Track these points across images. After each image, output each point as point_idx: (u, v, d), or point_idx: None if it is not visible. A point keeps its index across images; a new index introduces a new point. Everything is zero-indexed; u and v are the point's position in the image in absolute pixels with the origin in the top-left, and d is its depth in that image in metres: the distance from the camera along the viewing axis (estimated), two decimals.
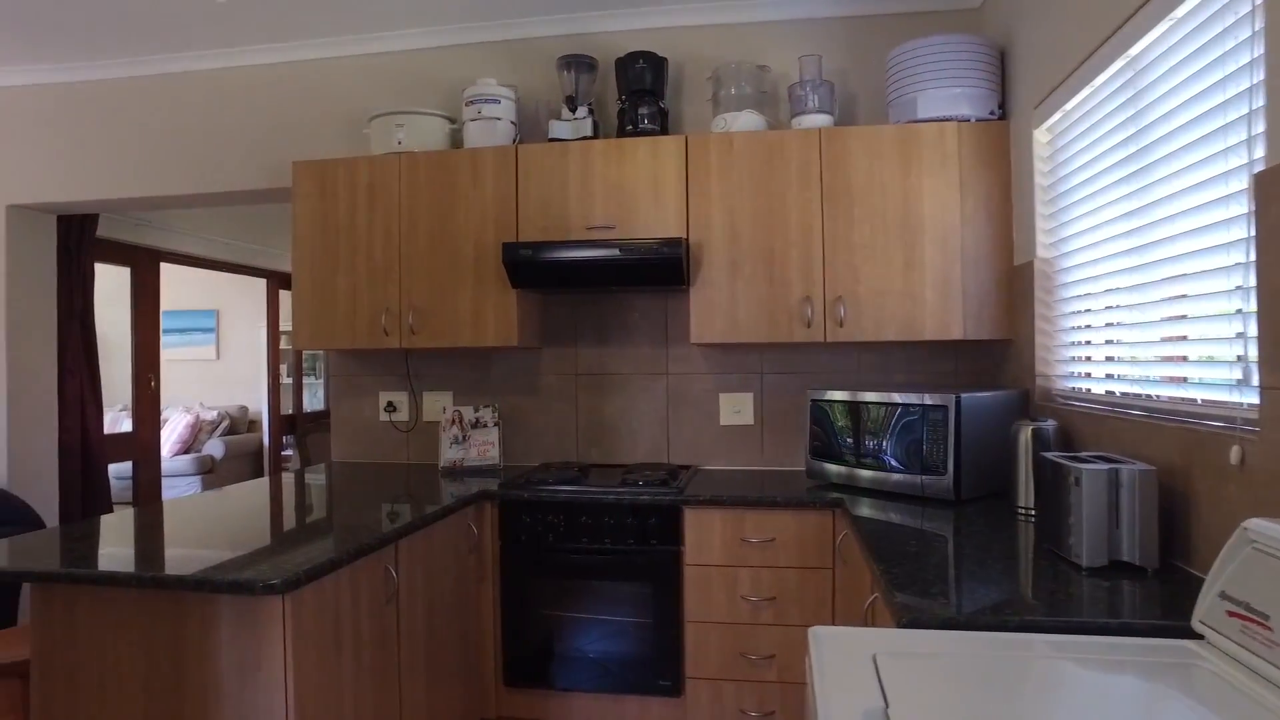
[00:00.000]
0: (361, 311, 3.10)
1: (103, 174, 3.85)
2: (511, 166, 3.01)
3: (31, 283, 4.10)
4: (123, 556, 1.79)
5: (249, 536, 1.99)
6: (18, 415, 3.99)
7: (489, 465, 3.19)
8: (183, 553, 1.82)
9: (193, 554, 1.80)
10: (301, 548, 1.86)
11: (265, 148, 3.65)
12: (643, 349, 3.29)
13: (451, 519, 2.50)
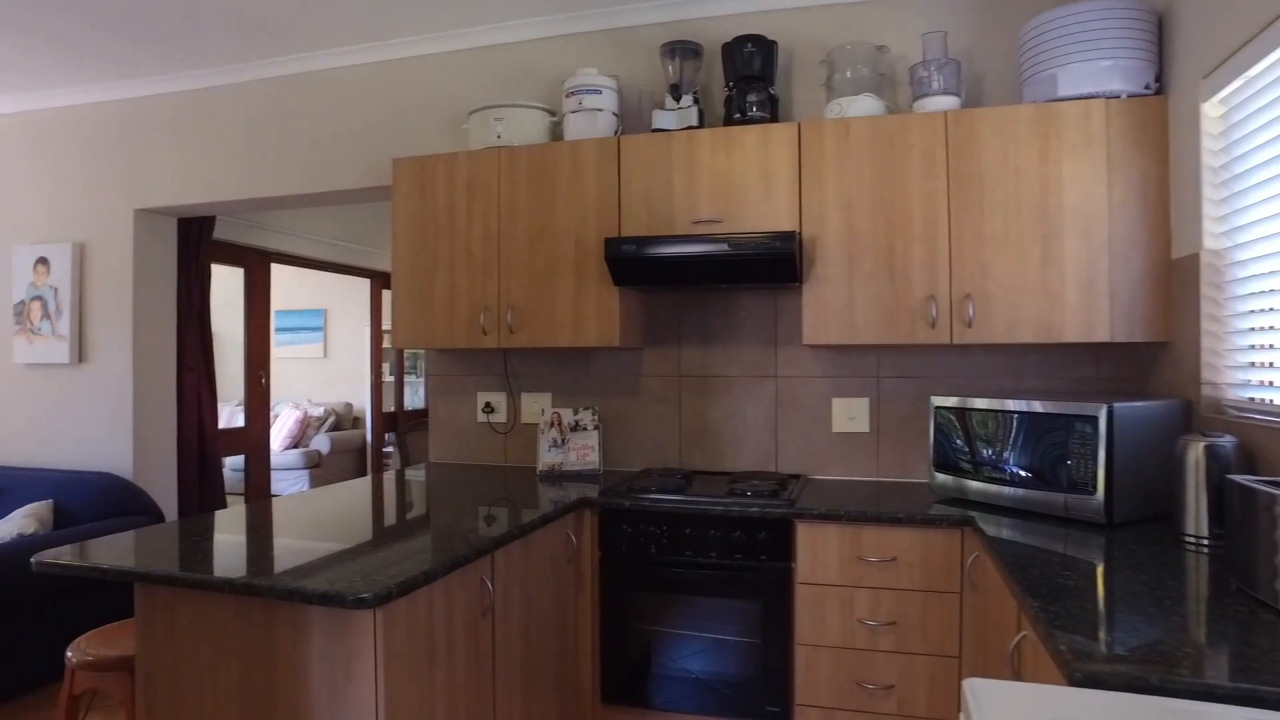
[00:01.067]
0: (460, 310, 3.04)
1: (217, 177, 3.94)
2: (613, 159, 2.89)
3: (155, 283, 4.24)
4: (223, 559, 1.75)
5: (346, 542, 1.93)
6: (142, 410, 4.14)
7: (588, 470, 3.08)
8: (281, 557, 1.76)
9: (289, 559, 1.75)
10: (396, 556, 1.77)
11: (368, 146, 3.65)
12: (750, 350, 3.12)
13: (550, 528, 2.40)
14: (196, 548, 1.87)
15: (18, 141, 4.42)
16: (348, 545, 1.89)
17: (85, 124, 4.26)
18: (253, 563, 1.72)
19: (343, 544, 1.91)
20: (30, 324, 4.28)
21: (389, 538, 1.98)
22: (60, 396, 4.26)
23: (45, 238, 4.31)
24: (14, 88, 4.16)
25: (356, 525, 2.14)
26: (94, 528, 3.46)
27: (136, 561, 1.73)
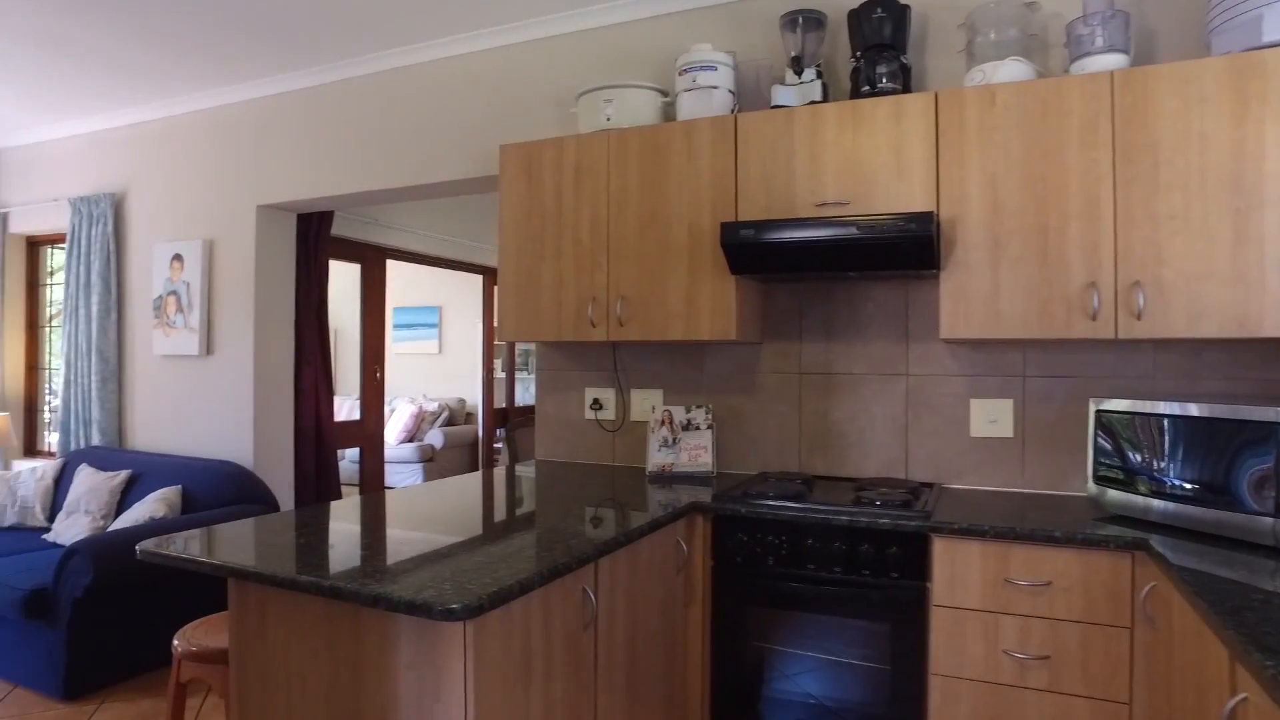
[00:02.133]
0: (567, 301, 2.91)
1: (330, 171, 3.98)
2: (730, 138, 2.69)
3: (275, 278, 4.34)
4: (318, 556, 1.66)
5: (446, 541, 1.81)
6: (262, 402, 4.24)
7: (701, 472, 2.89)
8: (375, 557, 1.66)
9: (383, 560, 1.64)
10: (494, 560, 1.64)
11: (476, 135, 3.58)
12: (878, 345, 2.85)
13: (659, 534, 2.22)
14: (293, 542, 1.79)
15: (158, 145, 4.62)
16: (446, 545, 1.78)
17: (214, 126, 4.40)
18: (346, 562, 1.62)
19: (442, 544, 1.79)
20: (166, 317, 4.46)
21: (489, 539, 1.86)
22: (191, 387, 4.42)
23: (180, 235, 4.48)
24: (155, 94, 4.34)
25: (458, 524, 2.03)
26: (215, 514, 3.54)
27: (230, 556, 1.67)
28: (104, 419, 4.63)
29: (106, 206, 4.68)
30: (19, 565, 3.43)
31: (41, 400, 5.57)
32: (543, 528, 2.00)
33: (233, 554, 1.69)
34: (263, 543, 1.80)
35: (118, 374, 4.70)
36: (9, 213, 5.29)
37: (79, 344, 4.75)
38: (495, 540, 1.85)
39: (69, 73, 4.07)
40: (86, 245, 4.75)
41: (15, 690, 3.34)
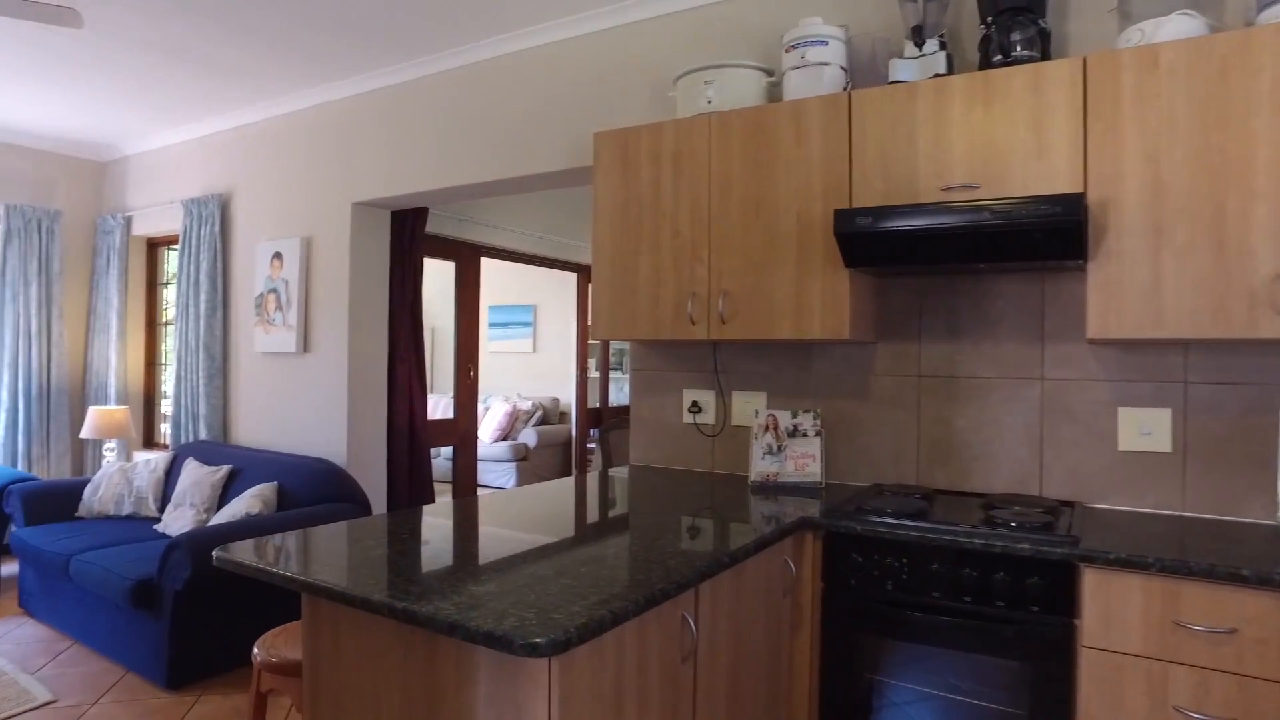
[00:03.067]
0: (665, 297, 2.73)
1: (422, 167, 3.93)
2: (843, 118, 2.44)
3: (369, 275, 4.33)
4: (396, 569, 1.53)
5: (533, 558, 1.66)
6: (355, 400, 4.23)
7: (808, 483, 2.65)
8: (455, 575, 1.52)
9: (465, 578, 1.50)
10: (585, 582, 1.47)
11: (569, 125, 3.45)
12: (1008, 346, 2.55)
13: (766, 553, 2.01)
14: (371, 554, 1.67)
15: (260, 146, 4.70)
16: (533, 563, 1.62)
17: (310, 125, 4.43)
18: (425, 579, 1.49)
19: (528, 561, 1.64)
20: (266, 315, 4.52)
21: (580, 556, 1.69)
22: (289, 384, 4.47)
23: (280, 233, 4.54)
24: (258, 97, 4.40)
25: (548, 537, 1.88)
26: (306, 513, 3.52)
27: (304, 566, 1.56)
28: (210, 414, 4.73)
29: (214, 207, 4.79)
30: (130, 555, 3.50)
31: (158, 395, 5.79)
32: (637, 544, 1.83)
33: (307, 564, 1.58)
34: (339, 553, 1.69)
35: (223, 370, 4.81)
36: (132, 216, 5.51)
37: (189, 341, 4.88)
38: (586, 558, 1.69)
39: (183, 80, 4.16)
40: (196, 245, 4.88)
41: (127, 676, 3.41)
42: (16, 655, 3.66)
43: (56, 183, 5.61)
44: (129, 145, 5.55)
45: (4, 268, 5.26)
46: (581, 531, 1.96)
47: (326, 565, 1.58)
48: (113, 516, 4.34)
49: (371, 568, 1.57)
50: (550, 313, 9.22)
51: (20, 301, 5.32)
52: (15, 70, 4.12)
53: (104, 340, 5.55)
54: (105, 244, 5.59)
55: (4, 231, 5.25)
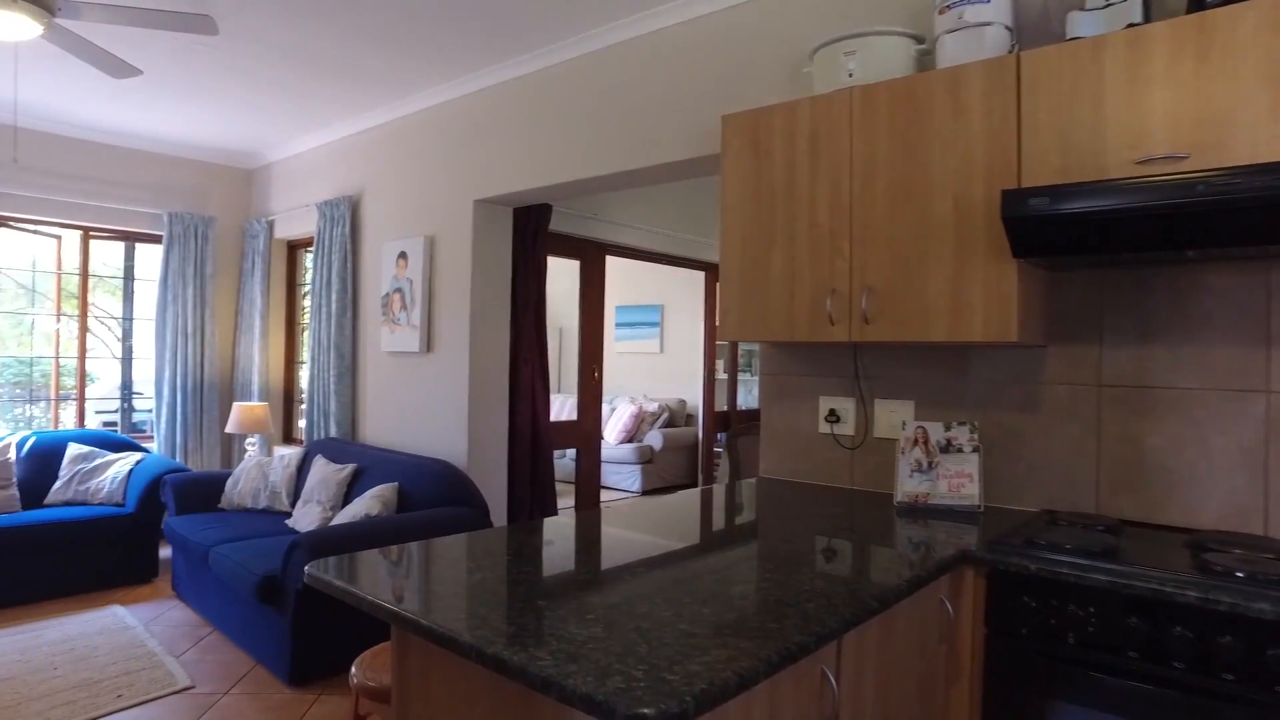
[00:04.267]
0: (801, 294, 2.45)
1: (542, 161, 3.81)
2: (1009, 85, 2.10)
3: (492, 274, 4.26)
4: (494, 603, 1.35)
5: (650, 598, 1.44)
6: (477, 401, 4.17)
7: (964, 506, 2.32)
8: (561, 613, 1.33)
9: (571, 620, 1.30)
10: (705, 631, 1.24)
11: (696, 111, 3.22)
12: (1220, 350, 2.12)
13: (920, 593, 1.72)
14: (471, 577, 1.51)
15: (387, 147, 4.74)
16: (649, 600, 1.41)
17: (434, 123, 4.41)
18: (524, 615, 1.30)
19: (644, 597, 1.42)
20: (392, 314, 4.55)
21: (702, 592, 1.46)
22: (412, 384, 4.47)
23: (405, 233, 4.55)
24: (385, 98, 4.43)
25: (666, 568, 1.66)
26: (424, 517, 3.46)
27: (395, 590, 1.41)
28: (339, 412, 4.82)
29: (345, 209, 4.87)
30: (260, 549, 3.55)
31: (296, 392, 6.00)
32: (768, 578, 1.58)
33: (400, 587, 1.43)
34: (438, 575, 1.53)
35: (352, 369, 4.88)
36: (274, 220, 5.72)
37: (321, 340, 4.99)
38: (709, 595, 1.46)
39: (318, 85, 4.24)
40: (329, 246, 4.98)
41: (256, 668, 3.47)
42: (165, 637, 3.80)
43: (210, 191, 5.91)
44: (272, 153, 5.77)
45: (166, 271, 5.57)
46: (705, 559, 1.73)
47: (420, 591, 1.43)
48: (250, 509, 4.48)
49: (469, 596, 1.40)
50: (678, 312, 9.04)
51: (179, 302, 5.62)
52: (175, 88, 4.32)
53: (249, 339, 5.79)
54: (251, 247, 5.84)
55: (166, 237, 5.56)
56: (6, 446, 4.65)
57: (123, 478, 4.76)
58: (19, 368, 7.34)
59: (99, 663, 3.49)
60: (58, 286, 5.70)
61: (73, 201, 5.31)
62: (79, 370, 5.63)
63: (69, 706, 3.09)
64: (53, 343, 5.62)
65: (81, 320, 5.62)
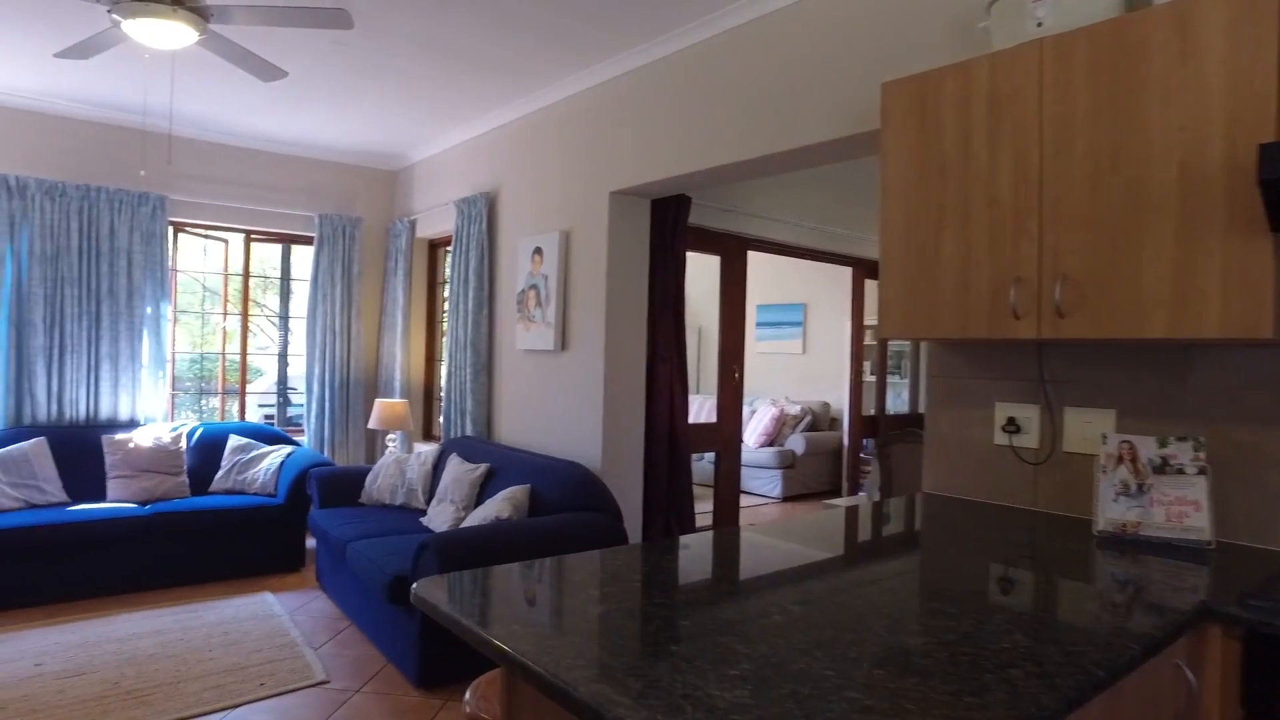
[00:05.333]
0: (978, 285, 2.10)
1: (682, 148, 3.58)
2: (1267, 13, 1.68)
3: (628, 269, 4.09)
4: (620, 643, 1.14)
5: (801, 645, 1.18)
6: (612, 401, 4.01)
7: (1189, 541, 1.90)
8: (699, 660, 1.09)
9: (710, 670, 1.06)
10: (881, 699, 0.97)
11: (846, 83, 2.90)
12: None
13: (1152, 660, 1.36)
14: (595, 609, 1.30)
15: (522, 141, 4.67)
16: (807, 652, 1.15)
17: (568, 115, 4.28)
18: (652, 665, 1.08)
19: (800, 646, 1.17)
20: (527, 312, 4.46)
21: (871, 647, 1.19)
22: (546, 383, 4.36)
23: (540, 228, 4.46)
24: (520, 92, 4.35)
25: (823, 608, 1.39)
26: (555, 523, 3.32)
27: (511, 616, 1.22)
28: (475, 410, 4.79)
29: (482, 206, 4.84)
30: (393, 547, 3.53)
31: (436, 389, 6.07)
32: (950, 628, 1.28)
33: (513, 615, 1.24)
34: (561, 605, 1.33)
35: (487, 367, 4.85)
36: (416, 219, 5.81)
37: (459, 338, 4.99)
38: (880, 652, 1.18)
39: (456, 80, 4.21)
40: (466, 244, 4.97)
41: (387, 667, 3.44)
42: (307, 628, 3.87)
43: (358, 193, 6.08)
44: (414, 153, 5.86)
45: (316, 271, 5.77)
46: (869, 595, 1.45)
47: (536, 623, 1.23)
48: (387, 505, 4.52)
49: (592, 634, 1.19)
50: (822, 311, 8.62)
51: (328, 301, 5.81)
52: (321, 90, 4.42)
53: (391, 337, 5.91)
54: (394, 247, 5.96)
55: (317, 238, 5.76)
56: (178, 437, 4.92)
57: (274, 470, 4.93)
58: (204, 362, 7.91)
59: (247, 648, 3.57)
60: (224, 287, 6.03)
61: (236, 206, 5.58)
62: (241, 366, 5.92)
63: (218, 690, 3.17)
64: (228, 340, 5.95)
65: (244, 319, 5.92)
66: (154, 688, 3.19)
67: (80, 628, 3.80)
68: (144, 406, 5.17)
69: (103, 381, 5.01)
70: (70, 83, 4.54)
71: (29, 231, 4.79)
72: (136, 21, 2.93)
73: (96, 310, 4.99)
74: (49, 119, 4.93)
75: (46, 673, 3.31)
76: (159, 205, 5.17)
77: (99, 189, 4.97)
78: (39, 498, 4.45)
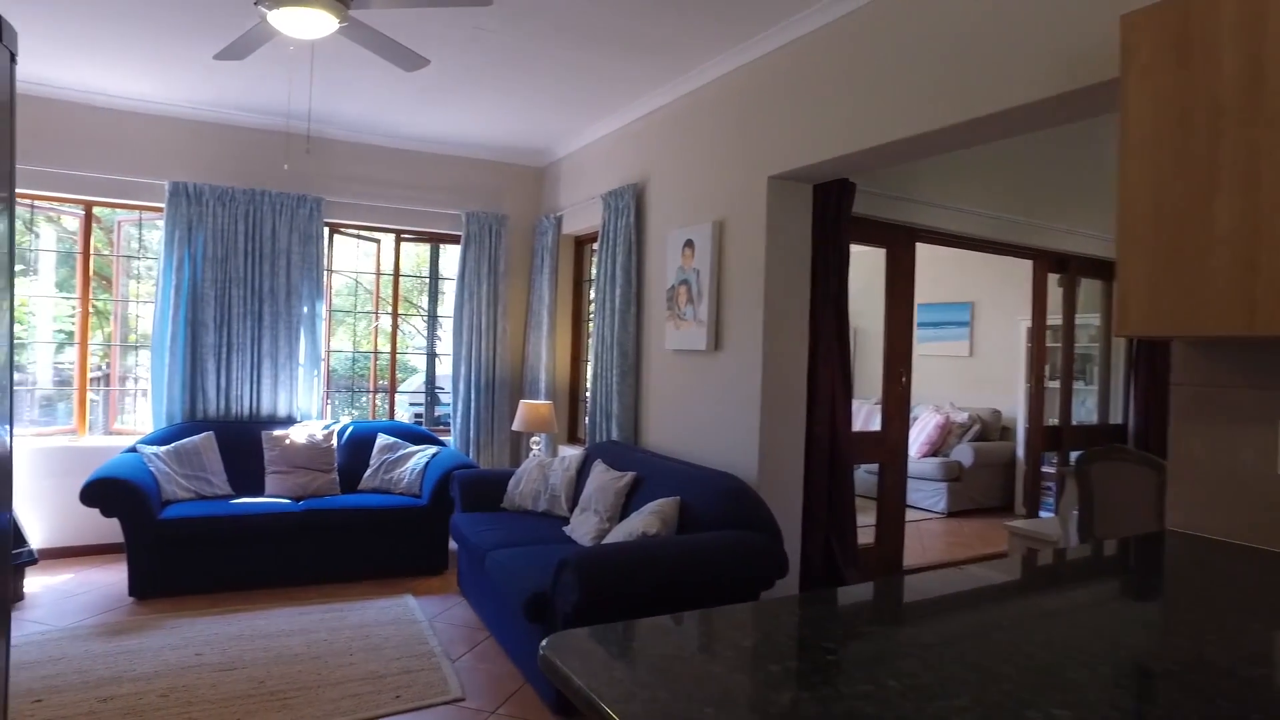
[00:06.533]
0: (1269, 264, 1.60)
1: (846, 125, 3.18)
2: None
3: (789, 262, 3.72)
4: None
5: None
6: (771, 406, 3.65)
7: None
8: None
9: None
10: None
11: (1063, 27, 2.41)
12: None
13: None
14: (747, 696, 0.97)
15: (672, 128, 4.39)
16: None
17: (722, 95, 3.97)
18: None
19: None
20: (677, 309, 4.17)
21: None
22: (698, 385, 4.06)
23: (692, 219, 4.15)
24: (669, 75, 4.07)
25: (1063, 709, 1.00)
26: (708, 543, 2.99)
27: (655, 685, 0.91)
28: (621, 414, 4.55)
29: (629, 198, 4.60)
30: (534, 559, 3.34)
31: (581, 391, 5.90)
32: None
33: (671, 701, 0.93)
34: (703, 680, 1.01)
35: (635, 369, 4.60)
36: (562, 215, 5.67)
37: (605, 337, 4.78)
38: None
39: (600, 64, 4.00)
40: (613, 238, 4.75)
41: (524, 688, 3.25)
42: (446, 637, 3.75)
43: (504, 190, 6.02)
44: (559, 148, 5.72)
45: (463, 269, 5.74)
46: (1115, 700, 1.03)
47: (668, 710, 0.91)
48: (529, 511, 4.35)
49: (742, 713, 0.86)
50: (992, 310, 7.88)
51: (474, 300, 5.77)
52: (464, 81, 4.33)
53: (537, 336, 5.79)
54: (540, 244, 5.84)
55: (464, 236, 5.73)
56: (329, 435, 4.98)
57: (419, 470, 4.90)
58: (357, 361, 8.17)
59: (386, 656, 3.48)
60: (376, 287, 6.12)
61: (387, 206, 5.63)
62: (390, 365, 5.99)
63: (355, 699, 3.08)
64: (381, 339, 6.04)
65: (394, 318, 5.98)
66: (296, 690, 3.14)
67: (237, 619, 3.85)
68: (300, 404, 5.29)
69: (263, 379, 5.16)
70: (232, 91, 4.68)
71: (203, 235, 4.98)
72: (281, 11, 2.88)
73: (259, 309, 5.13)
74: (214, 127, 5.14)
75: (205, 664, 3.35)
76: (315, 206, 5.27)
77: (263, 192, 5.11)
78: (207, 489, 4.60)
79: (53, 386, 7.30)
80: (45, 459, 4.86)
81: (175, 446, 4.63)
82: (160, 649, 3.50)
